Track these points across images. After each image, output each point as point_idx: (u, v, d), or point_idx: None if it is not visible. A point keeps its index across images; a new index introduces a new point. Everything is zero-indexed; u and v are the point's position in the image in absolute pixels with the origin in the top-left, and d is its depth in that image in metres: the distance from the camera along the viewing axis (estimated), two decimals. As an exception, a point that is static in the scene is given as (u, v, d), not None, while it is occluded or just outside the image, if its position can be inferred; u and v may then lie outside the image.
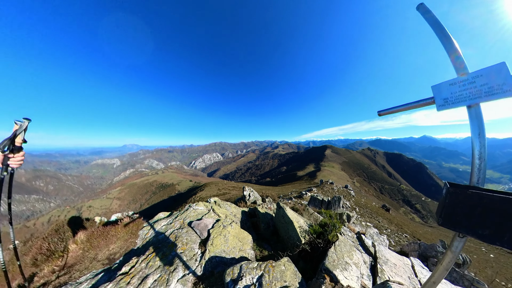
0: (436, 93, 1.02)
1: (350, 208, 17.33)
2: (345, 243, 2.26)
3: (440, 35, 1.01)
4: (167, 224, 2.72)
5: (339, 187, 27.09)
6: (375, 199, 46.55)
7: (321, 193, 21.39)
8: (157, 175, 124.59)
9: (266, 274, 1.48)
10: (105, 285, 1.54)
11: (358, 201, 22.46)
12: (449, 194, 0.87)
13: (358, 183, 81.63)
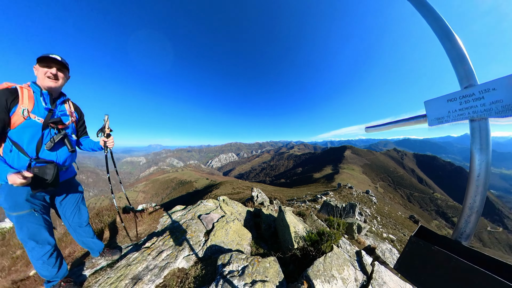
0: (429, 110, 0.79)
1: (370, 217, 15.79)
2: (339, 256, 2.23)
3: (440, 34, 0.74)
4: (182, 215, 3.24)
5: (359, 192, 25.19)
6: (402, 208, 42.10)
7: (338, 198, 20.34)
8: (177, 172, 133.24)
9: (250, 266, 1.76)
10: (134, 253, 2.12)
11: (380, 209, 20.59)
12: (409, 244, 0.74)
13: (381, 189, 74.50)
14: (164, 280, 1.81)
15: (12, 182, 1.07)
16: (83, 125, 1.68)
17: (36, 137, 1.25)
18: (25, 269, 2.91)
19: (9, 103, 1.14)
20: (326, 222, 4.90)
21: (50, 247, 1.40)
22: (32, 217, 1.30)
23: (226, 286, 1.54)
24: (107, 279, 1.81)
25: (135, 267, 1.94)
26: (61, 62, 1.29)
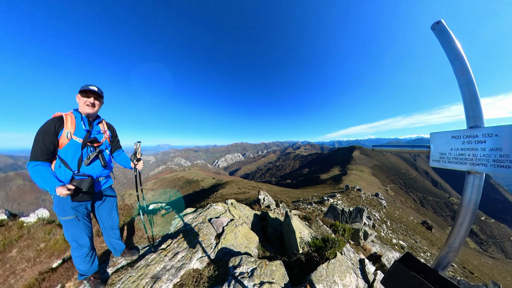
0: (434, 143, 0.79)
1: (379, 221, 15.06)
2: (342, 263, 2.27)
3: (458, 69, 0.74)
4: (193, 218, 3.43)
5: (368, 195, 24.18)
6: (414, 213, 40.08)
7: (345, 200, 19.82)
8: (184, 171, 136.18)
9: (258, 268, 1.89)
10: (151, 254, 2.32)
11: (390, 213, 19.63)
12: (393, 266, 0.82)
13: (392, 192, 71.50)
14: (180, 279, 1.99)
15: (59, 193, 1.32)
16: (115, 140, 1.96)
17: (77, 154, 1.53)
18: (48, 260, 3.22)
19: (57, 128, 1.44)
20: (332, 228, 4.91)
21: (87, 249, 1.70)
22: (75, 222, 1.59)
23: (238, 286, 1.68)
24: (129, 278, 2.01)
25: (153, 267, 2.14)
26: (97, 92, 1.58)
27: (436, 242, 15.36)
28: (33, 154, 1.35)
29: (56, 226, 4.28)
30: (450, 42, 0.78)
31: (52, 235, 3.88)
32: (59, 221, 1.66)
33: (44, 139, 1.37)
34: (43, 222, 4.50)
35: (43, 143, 1.37)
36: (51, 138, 1.40)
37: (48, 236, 3.88)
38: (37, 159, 1.35)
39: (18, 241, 3.88)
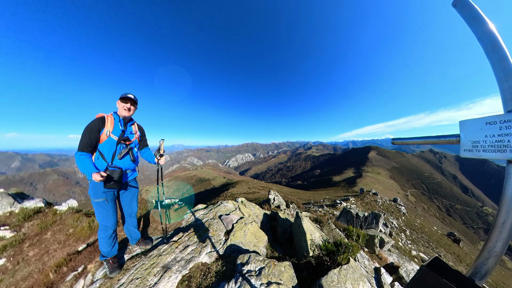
0: (464, 131, 0.71)
1: (397, 230, 13.82)
2: (355, 270, 2.15)
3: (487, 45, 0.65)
4: (204, 214, 3.52)
5: (385, 200, 22.32)
6: (438, 223, 36.28)
7: (360, 205, 18.70)
8: (196, 170, 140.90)
9: (266, 268, 1.85)
10: (163, 245, 2.44)
11: (410, 221, 17.87)
12: (419, 272, 0.75)
13: (413, 197, 65.79)
14: (189, 271, 2.04)
15: (94, 179, 1.58)
16: (144, 139, 2.26)
17: (112, 149, 1.85)
18: (75, 244, 3.60)
19: (99, 126, 1.77)
20: (345, 232, 4.65)
21: (111, 231, 1.96)
22: (105, 205, 1.85)
23: (244, 283, 1.67)
24: (142, 265, 2.14)
25: (165, 257, 2.24)
26: (133, 99, 1.91)
27: (465, 258, 13.59)
28: (80, 146, 1.67)
29: (83, 214, 4.74)
30: (476, 18, 0.68)
31: (79, 222, 4.33)
32: (92, 203, 1.86)
33: (89, 135, 1.69)
34: (72, 211, 5.04)
35: (89, 138, 1.69)
36: (94, 134, 1.72)
37: (76, 223, 4.34)
38: (82, 150, 1.68)
39: (52, 225, 4.42)
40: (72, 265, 2.63)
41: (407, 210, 21.67)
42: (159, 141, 2.29)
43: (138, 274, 2.00)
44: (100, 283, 2.03)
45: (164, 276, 1.96)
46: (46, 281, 2.43)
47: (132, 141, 1.99)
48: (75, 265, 2.60)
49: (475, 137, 0.70)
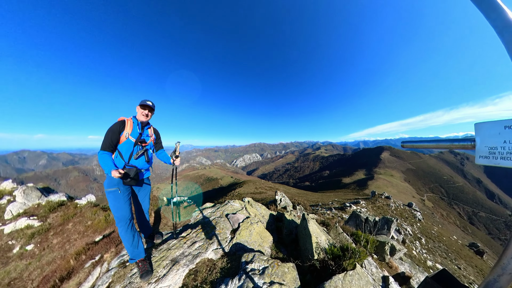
0: (481, 136, 0.65)
1: (411, 237, 12.86)
2: (361, 277, 2.08)
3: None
4: (211, 212, 3.62)
5: (399, 205, 20.92)
6: (459, 231, 33.30)
7: (371, 209, 17.90)
8: (205, 170, 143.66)
9: (270, 268, 1.87)
10: (173, 240, 2.57)
11: (426, 228, 16.62)
12: (424, 283, 0.77)
13: (430, 203, 61.47)
14: (196, 266, 2.14)
15: (113, 175, 1.77)
16: (159, 141, 2.44)
17: (130, 150, 2.03)
18: (92, 235, 3.91)
19: (120, 128, 1.96)
20: (353, 237, 4.50)
21: (125, 223, 1.98)
22: (117, 193, 1.94)
23: (248, 281, 1.72)
24: (152, 258, 2.30)
25: (173, 251, 2.37)
26: (151, 106, 2.10)
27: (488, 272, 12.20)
28: (103, 145, 1.89)
29: (100, 209, 5.10)
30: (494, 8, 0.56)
31: (97, 215, 4.68)
32: (106, 195, 1.97)
33: (111, 136, 1.90)
34: (90, 205, 5.45)
35: (110, 138, 1.90)
36: (115, 135, 1.93)
37: (94, 216, 4.70)
38: (104, 149, 1.89)
39: (73, 217, 4.83)
40: (90, 253, 2.87)
41: (423, 216, 20.31)
42: (175, 143, 2.44)
43: (149, 266, 2.13)
44: (114, 271, 2.20)
45: (173, 269, 2.08)
46: (67, 267, 2.69)
47: (147, 143, 2.18)
48: (93, 254, 2.83)
49: (492, 143, 0.61)
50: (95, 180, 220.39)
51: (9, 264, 3.48)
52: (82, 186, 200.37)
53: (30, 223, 4.60)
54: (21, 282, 2.93)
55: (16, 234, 4.30)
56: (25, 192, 5.65)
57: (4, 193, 6.02)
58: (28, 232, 4.30)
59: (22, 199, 5.51)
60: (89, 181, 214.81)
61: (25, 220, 4.63)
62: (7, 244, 4.08)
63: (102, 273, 2.33)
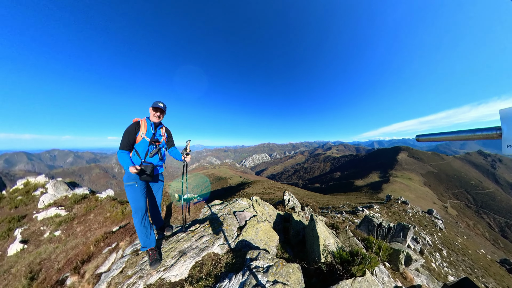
0: (507, 123, 0.60)
1: (431, 248, 11.66)
2: (371, 284, 1.96)
3: None
4: (219, 209, 3.70)
5: (417, 211, 19.35)
6: (488, 245, 29.43)
7: (385, 214, 16.81)
8: (214, 169, 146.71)
9: (274, 267, 1.85)
10: (182, 233, 2.72)
11: (449, 239, 14.99)
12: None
13: (454, 210, 56.06)
14: (202, 259, 2.22)
15: (130, 171, 1.96)
16: (170, 139, 2.61)
17: (145, 149, 2.22)
18: (110, 225, 4.23)
19: (136, 129, 2.16)
20: (364, 242, 4.27)
21: (141, 213, 2.16)
22: (134, 187, 2.15)
23: (251, 277, 1.73)
24: (162, 248, 2.45)
25: (182, 244, 2.48)
26: (162, 109, 2.27)
27: None
28: (121, 145, 2.10)
29: (117, 202, 5.48)
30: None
31: (114, 208, 5.05)
32: (125, 188, 2.17)
33: (128, 136, 2.11)
34: (109, 199, 5.90)
35: (127, 139, 2.11)
36: (132, 136, 2.13)
37: (112, 208, 5.08)
38: (123, 148, 2.10)
39: (94, 209, 5.27)
40: (108, 241, 3.15)
41: (445, 225, 18.57)
42: (186, 141, 2.64)
43: (159, 255, 2.26)
44: (128, 258, 2.40)
45: (180, 260, 2.18)
46: (88, 252, 2.98)
47: (160, 142, 2.37)
48: (110, 242, 3.10)
49: None
50: (113, 176, 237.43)
51: (40, 246, 3.96)
52: (103, 182, 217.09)
53: (58, 212, 5.17)
54: (50, 263, 3.32)
55: (47, 221, 4.86)
56: (55, 185, 6.37)
57: (38, 185, 6.88)
58: (57, 220, 4.82)
59: (52, 191, 6.20)
60: (108, 177, 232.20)
61: (55, 210, 5.22)
62: (40, 229, 4.62)
63: (117, 259, 2.54)
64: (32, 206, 5.78)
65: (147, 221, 2.25)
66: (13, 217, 5.11)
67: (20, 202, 5.98)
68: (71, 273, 2.55)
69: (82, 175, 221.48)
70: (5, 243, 4.29)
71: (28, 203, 5.98)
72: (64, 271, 2.78)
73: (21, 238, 4.26)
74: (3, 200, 6.27)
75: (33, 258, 3.55)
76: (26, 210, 5.60)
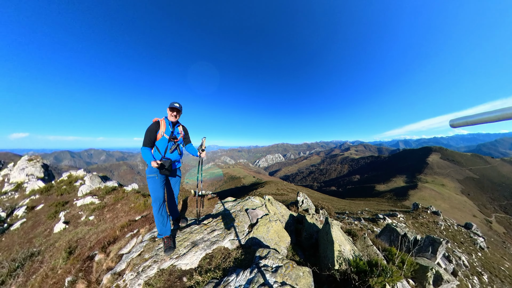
0: None
1: (467, 269, 9.69)
2: None
3: None
4: (232, 206, 3.78)
5: (451, 224, 16.59)
6: None
7: (411, 225, 14.87)
8: (228, 168, 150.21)
9: (284, 268, 1.78)
10: (195, 225, 2.87)
11: (492, 261, 12.46)
12: None
13: (500, 226, 47.33)
14: (212, 251, 2.29)
15: (152, 165, 2.16)
16: (187, 137, 2.82)
17: (165, 146, 2.45)
18: (134, 214, 4.67)
19: (156, 128, 2.38)
20: (384, 253, 3.87)
21: (159, 202, 2.40)
22: (155, 179, 2.38)
23: (259, 275, 1.71)
24: (177, 237, 2.63)
25: (194, 235, 2.60)
26: (178, 109, 2.47)
27: None
28: (144, 142, 2.34)
29: (141, 195, 5.99)
30: None
31: (138, 200, 5.57)
32: (147, 179, 2.41)
33: (150, 135, 2.34)
34: (134, 191, 6.51)
35: (149, 137, 2.34)
36: (153, 134, 2.37)
37: (136, 200, 5.60)
38: (145, 145, 2.34)
39: (121, 200, 5.89)
40: (131, 228, 3.58)
41: (488, 244, 15.54)
42: (202, 139, 2.82)
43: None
44: (146, 243, 2.65)
45: (192, 250, 2.29)
46: (114, 235, 3.43)
47: (178, 139, 2.58)
48: (133, 228, 3.52)
49: None
50: (138, 173, 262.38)
51: (78, 227, 4.66)
52: (129, 177, 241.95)
53: (93, 200, 6.01)
54: (84, 241, 3.92)
55: (84, 207, 5.69)
56: (91, 178, 7.50)
57: (78, 178, 8.20)
58: (91, 207, 5.60)
59: (89, 182, 7.31)
60: (134, 173, 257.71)
61: (90, 198, 6.10)
62: (78, 213, 5.43)
63: (137, 243, 2.83)
64: (73, 194, 6.79)
65: (164, 211, 2.45)
66: (59, 202, 6.11)
67: (64, 190, 7.10)
68: (99, 252, 2.95)
69: (112, 171, 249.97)
70: (52, 222, 5.16)
71: (70, 191, 7.06)
72: (94, 249, 3.23)
73: (64, 220, 5.05)
74: (52, 188, 7.53)
75: (71, 236, 4.21)
76: (69, 197, 6.59)
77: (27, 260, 3.68)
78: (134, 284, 1.94)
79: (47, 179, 9.23)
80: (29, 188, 7.69)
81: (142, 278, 1.99)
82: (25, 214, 5.87)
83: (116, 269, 2.35)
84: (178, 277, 1.98)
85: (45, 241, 4.33)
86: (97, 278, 2.47)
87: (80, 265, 2.82)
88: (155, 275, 2.01)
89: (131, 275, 2.08)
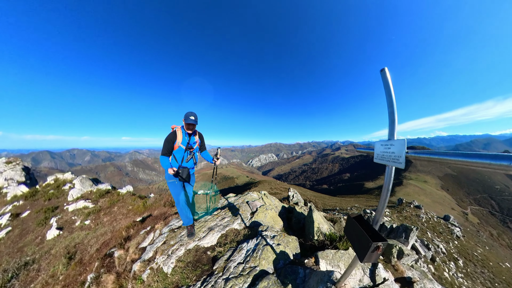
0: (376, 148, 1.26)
1: (444, 256, 10.72)
2: (351, 257, 2.36)
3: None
4: (235, 200, 4.55)
5: (431, 216, 17.91)
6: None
7: (396, 218, 15.89)
8: (221, 168, 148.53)
9: (278, 236, 2.57)
10: (207, 216, 3.56)
11: (467, 249, 13.84)
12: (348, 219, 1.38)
13: (475, 218, 51.48)
14: (226, 232, 3.02)
15: (170, 173, 2.48)
16: (202, 144, 3.06)
17: (181, 155, 2.71)
18: (133, 216, 4.91)
19: (173, 138, 2.59)
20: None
21: (181, 203, 2.83)
22: (175, 184, 2.76)
23: (262, 240, 2.49)
24: (195, 227, 3.23)
25: (209, 223, 3.30)
26: (193, 123, 2.58)
27: None
28: (163, 151, 2.56)
29: (137, 197, 6.25)
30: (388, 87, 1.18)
31: (135, 202, 5.81)
32: (167, 184, 2.73)
33: (168, 145, 2.55)
34: (130, 194, 6.67)
35: (167, 147, 2.54)
36: (170, 144, 2.59)
37: (133, 202, 5.85)
38: (164, 154, 2.55)
39: (117, 202, 5.92)
40: (137, 228, 3.73)
41: (463, 233, 16.84)
42: (217, 149, 3.23)
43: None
44: (167, 234, 3.20)
45: (209, 233, 2.99)
46: (121, 236, 3.62)
47: (194, 148, 2.81)
48: (143, 227, 3.80)
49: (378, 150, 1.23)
50: (126, 174, 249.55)
51: (73, 233, 4.60)
52: (117, 179, 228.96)
53: (86, 204, 5.84)
54: (83, 246, 3.90)
55: (77, 212, 5.51)
56: (81, 181, 7.19)
57: (66, 181, 7.76)
58: (85, 211, 5.46)
59: (79, 186, 6.97)
60: (122, 175, 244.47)
61: (83, 202, 5.88)
62: (71, 218, 5.28)
63: (156, 236, 3.30)
64: (63, 199, 6.45)
65: (186, 207, 2.88)
66: (48, 208, 5.72)
67: (52, 195, 6.68)
68: (117, 248, 3.20)
69: (98, 173, 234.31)
70: (43, 229, 4.92)
71: (59, 196, 6.69)
72: (101, 252, 3.35)
73: (56, 226, 4.83)
74: (38, 193, 7.01)
75: (68, 242, 4.14)
76: (58, 202, 6.24)
77: (22, 270, 3.45)
78: (167, 263, 2.44)
79: (30, 183, 8.42)
80: (10, 194, 6.99)
81: (173, 258, 2.49)
82: (10, 222, 5.38)
83: (143, 257, 2.69)
84: (203, 252, 2.65)
85: (38, 249, 4.05)
86: (123, 269, 2.68)
87: (100, 263, 2.91)
88: (184, 254, 2.59)
89: (162, 258, 2.54)
